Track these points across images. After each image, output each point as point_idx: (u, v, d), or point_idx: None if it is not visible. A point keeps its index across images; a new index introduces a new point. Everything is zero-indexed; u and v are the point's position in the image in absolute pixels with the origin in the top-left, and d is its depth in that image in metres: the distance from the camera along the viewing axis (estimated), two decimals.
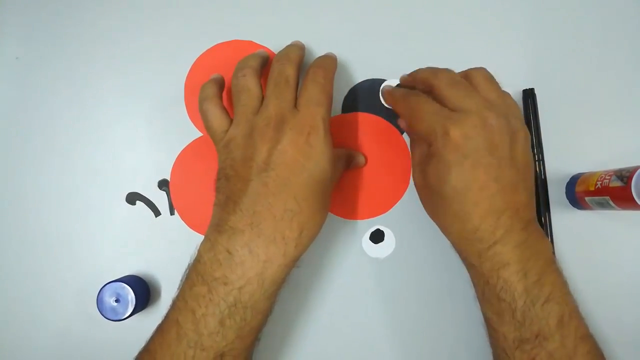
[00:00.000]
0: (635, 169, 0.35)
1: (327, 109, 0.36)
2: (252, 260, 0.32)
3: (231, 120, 0.38)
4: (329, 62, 0.41)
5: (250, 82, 0.38)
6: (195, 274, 0.34)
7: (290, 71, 0.37)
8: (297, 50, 0.41)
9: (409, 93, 0.39)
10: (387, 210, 0.44)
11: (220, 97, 0.40)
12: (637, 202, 0.35)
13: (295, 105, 0.36)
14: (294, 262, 0.34)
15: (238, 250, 0.33)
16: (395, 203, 0.44)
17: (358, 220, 0.44)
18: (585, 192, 0.40)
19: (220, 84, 0.42)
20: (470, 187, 0.33)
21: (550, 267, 0.34)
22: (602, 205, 0.39)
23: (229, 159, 0.36)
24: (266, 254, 0.33)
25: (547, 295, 0.32)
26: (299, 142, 0.34)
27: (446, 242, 0.44)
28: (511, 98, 0.38)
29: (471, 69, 0.38)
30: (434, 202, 0.36)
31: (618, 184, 0.36)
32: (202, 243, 0.35)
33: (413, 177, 0.39)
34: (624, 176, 0.36)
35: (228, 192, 0.35)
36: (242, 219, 0.33)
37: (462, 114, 0.34)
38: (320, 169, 0.34)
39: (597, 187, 0.39)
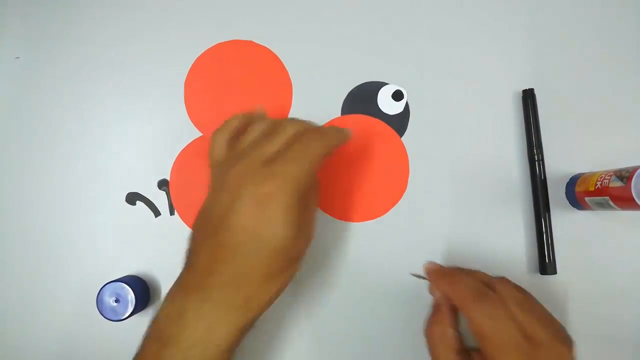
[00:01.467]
0: (635, 169, 0.35)
1: (304, 177, 0.32)
2: (198, 322, 0.32)
3: None
4: (333, 133, 0.36)
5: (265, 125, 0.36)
6: (153, 328, 0.33)
7: (291, 130, 0.34)
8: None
9: (480, 294, 0.35)
10: (385, 213, 0.44)
11: (237, 135, 0.37)
12: (637, 202, 0.35)
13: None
14: (243, 329, 0.33)
15: (188, 311, 0.32)
16: (394, 205, 0.44)
17: (356, 223, 0.44)
18: (585, 192, 0.40)
19: (248, 122, 0.38)
20: None
21: None
22: (602, 206, 0.39)
23: (204, 204, 0.34)
24: (213, 318, 0.32)
25: None
26: (258, 205, 0.31)
27: (445, 244, 0.44)
28: (539, 304, 0.36)
29: (494, 280, 0.37)
30: None
31: (618, 184, 0.36)
32: (166, 294, 0.34)
33: None
34: (624, 176, 0.36)
35: (191, 245, 0.34)
36: (194, 280, 0.33)
37: (539, 350, 0.32)
38: (277, 237, 0.31)
39: (596, 187, 0.38)
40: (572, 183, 0.43)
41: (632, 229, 0.43)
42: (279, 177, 0.31)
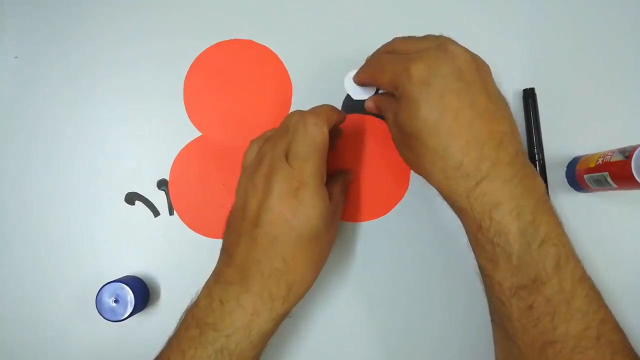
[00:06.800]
0: (638, 145, 0.35)
1: (316, 162, 0.34)
2: (241, 312, 0.33)
3: None
4: (326, 109, 0.37)
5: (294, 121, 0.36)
6: (191, 317, 0.35)
7: (302, 122, 0.35)
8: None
9: (369, 57, 0.38)
10: (387, 212, 0.44)
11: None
12: (633, 176, 0.34)
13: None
14: (282, 316, 0.34)
15: (229, 301, 0.33)
16: (396, 204, 0.44)
17: (358, 222, 0.44)
18: (585, 169, 0.40)
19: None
20: (444, 117, 0.31)
21: (543, 205, 0.31)
22: (600, 183, 0.39)
23: (234, 205, 0.36)
24: (254, 307, 0.33)
25: (542, 237, 0.30)
26: (287, 197, 0.33)
27: (446, 242, 0.44)
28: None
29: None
30: (411, 147, 0.33)
31: (619, 158, 0.36)
32: (202, 288, 0.36)
33: (393, 139, 0.37)
34: (627, 151, 0.36)
35: (227, 243, 0.36)
36: (234, 273, 0.34)
37: (420, 52, 0.32)
38: (310, 225, 0.33)
39: (597, 163, 0.39)
40: (574, 163, 0.43)
41: (630, 211, 0.43)
42: (300, 172, 0.33)
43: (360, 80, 0.39)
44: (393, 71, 0.33)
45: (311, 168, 0.34)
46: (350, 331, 0.44)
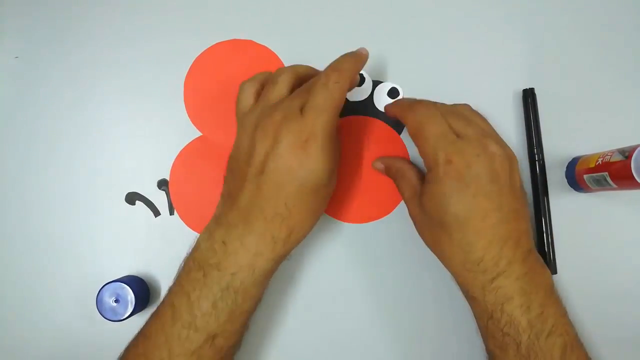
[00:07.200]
0: (637, 145, 0.36)
1: (330, 117, 0.35)
2: (244, 251, 0.35)
3: None
4: (348, 65, 0.37)
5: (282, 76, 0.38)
6: (192, 261, 0.36)
7: (325, 79, 0.35)
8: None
9: (416, 102, 0.38)
10: (388, 213, 0.44)
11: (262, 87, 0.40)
12: (633, 176, 0.35)
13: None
14: (282, 257, 0.36)
15: (232, 242, 0.35)
16: (397, 205, 0.44)
17: (359, 224, 0.44)
18: (585, 169, 0.40)
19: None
20: (473, 216, 0.33)
21: (551, 298, 0.35)
22: (599, 183, 0.39)
23: (236, 149, 0.37)
24: (256, 248, 0.35)
25: (550, 328, 0.33)
26: (295, 148, 0.34)
27: None
28: (483, 122, 0.39)
29: (456, 104, 0.40)
30: (434, 231, 0.36)
31: (619, 158, 0.37)
32: (201, 233, 0.37)
33: (408, 209, 0.39)
34: (626, 151, 0.36)
35: (230, 188, 0.37)
36: (237, 217, 0.35)
37: (464, 141, 0.34)
38: (314, 177, 0.34)
39: (597, 163, 0.39)
40: (573, 163, 0.43)
41: (630, 211, 0.43)
42: (312, 125, 0.34)
43: (396, 116, 0.40)
44: (434, 151, 0.34)
45: (323, 122, 0.34)
46: (353, 333, 0.44)
